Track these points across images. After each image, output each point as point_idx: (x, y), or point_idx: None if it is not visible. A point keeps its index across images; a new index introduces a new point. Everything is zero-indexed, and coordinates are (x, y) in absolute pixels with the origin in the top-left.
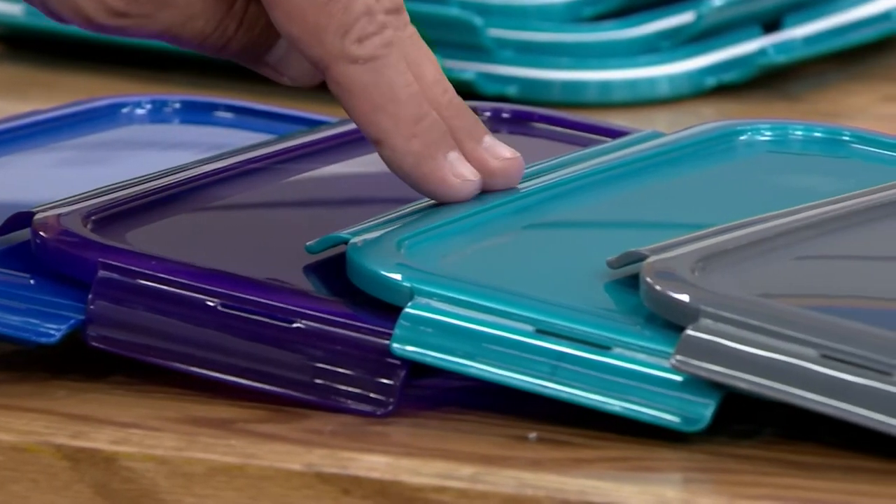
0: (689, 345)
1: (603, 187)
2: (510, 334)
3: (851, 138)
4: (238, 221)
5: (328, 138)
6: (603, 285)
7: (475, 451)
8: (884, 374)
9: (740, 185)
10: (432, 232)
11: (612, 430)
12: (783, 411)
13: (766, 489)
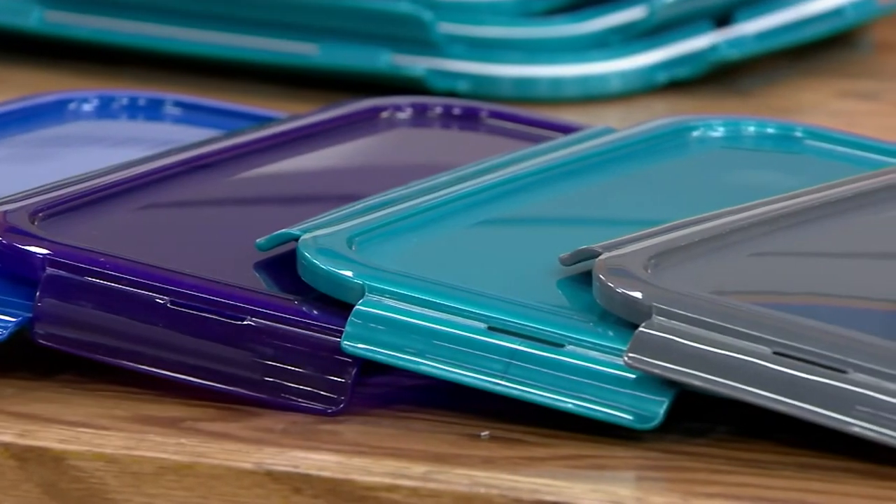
0: (642, 342)
1: (555, 183)
2: (462, 332)
3: (804, 134)
4: (187, 218)
5: (277, 135)
6: (555, 282)
7: (427, 450)
8: (838, 372)
9: (693, 182)
10: (383, 228)
11: (565, 428)
12: (736, 409)
13: (719, 487)
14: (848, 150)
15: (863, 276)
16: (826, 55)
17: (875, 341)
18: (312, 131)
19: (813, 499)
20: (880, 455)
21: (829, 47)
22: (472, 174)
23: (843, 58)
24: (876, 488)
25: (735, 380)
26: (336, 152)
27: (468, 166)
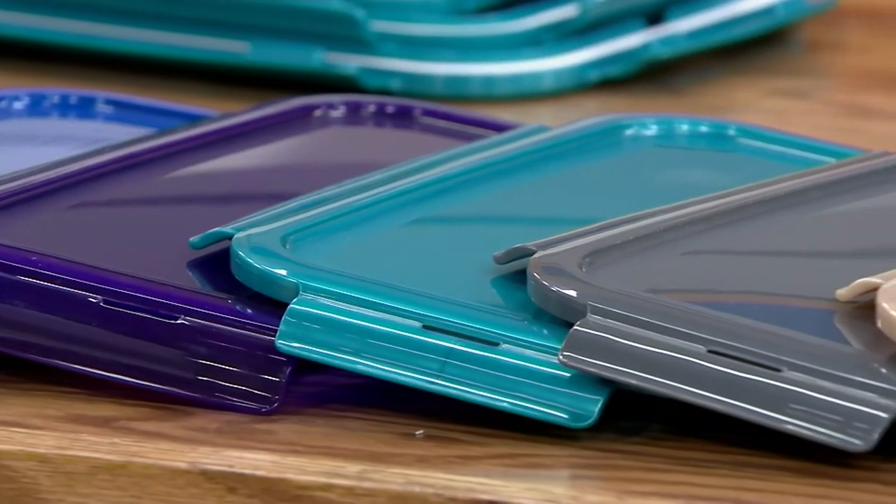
0: (577, 341)
1: (489, 182)
2: (397, 330)
3: (737, 133)
4: (120, 217)
5: (210, 133)
6: (490, 281)
7: (362, 449)
8: (772, 371)
9: (626, 180)
10: (318, 227)
11: (500, 427)
12: (671, 407)
13: (654, 485)
14: (780, 149)
15: (796, 274)
16: (757, 54)
17: (809, 340)
18: (245, 130)
19: (748, 497)
20: (815, 453)
21: (760, 46)
22: (406, 172)
23: (774, 56)
24: (811, 486)
25: (670, 378)
26: (269, 151)
27: (402, 165)
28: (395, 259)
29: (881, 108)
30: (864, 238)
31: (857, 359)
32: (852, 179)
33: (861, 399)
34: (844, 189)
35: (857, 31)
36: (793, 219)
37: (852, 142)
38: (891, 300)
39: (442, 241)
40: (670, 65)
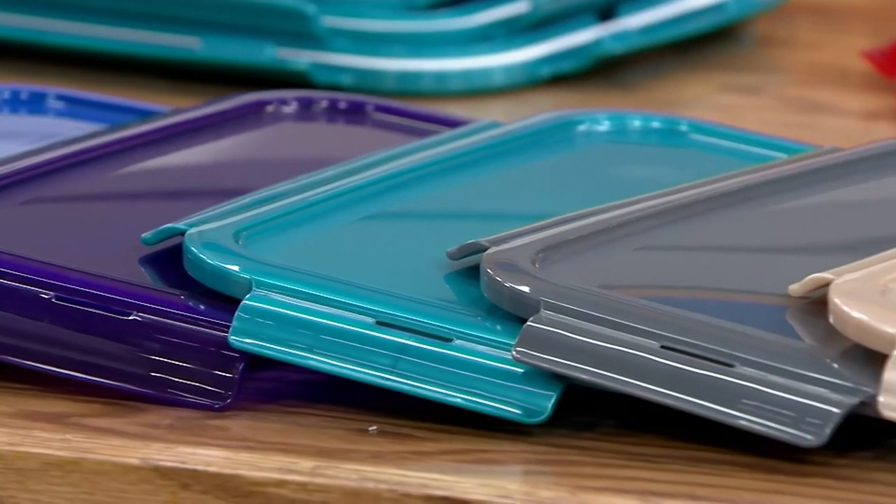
0: (530, 336)
1: (442, 177)
2: (350, 326)
3: (689, 128)
4: (72, 213)
5: (162, 129)
6: (443, 277)
7: (315, 445)
8: (724, 366)
9: (579, 176)
10: (270, 223)
11: (454, 423)
12: (624, 403)
13: (607, 481)
14: (732, 144)
15: (749, 270)
16: (709, 49)
17: (762, 335)
18: (197, 125)
19: (701, 492)
20: (767, 448)
21: (711, 41)
22: (359, 168)
23: (726, 52)
24: (763, 481)
25: (623, 374)
26: (221, 146)
27: (355, 160)
28: (349, 255)
29: (831, 104)
30: (816, 234)
31: (810, 354)
32: (804, 175)
33: (813, 394)
34: (796, 185)
35: (807, 27)
36: (745, 214)
37: (803, 137)
38: (843, 295)
39: (395, 237)
40: (622, 60)
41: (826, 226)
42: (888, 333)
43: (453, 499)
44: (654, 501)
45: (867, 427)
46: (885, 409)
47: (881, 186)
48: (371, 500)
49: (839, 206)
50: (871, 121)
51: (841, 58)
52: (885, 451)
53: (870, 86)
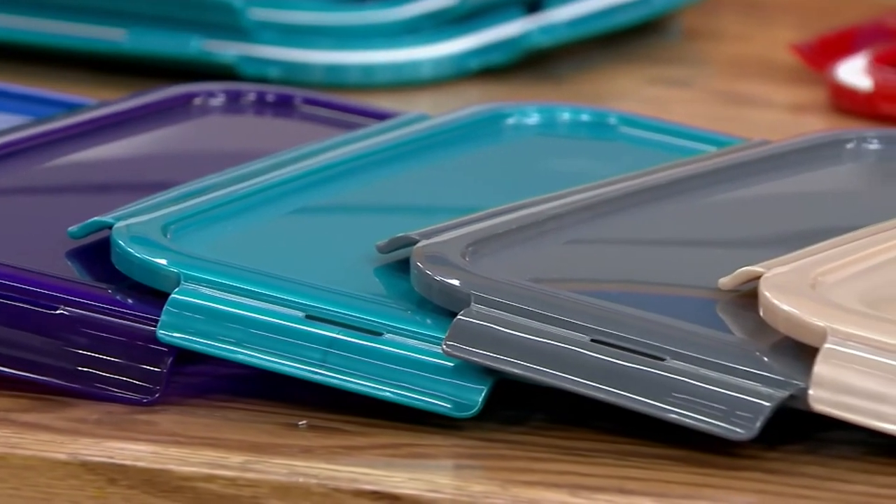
0: (460, 330)
1: (371, 171)
2: (279, 320)
3: (618, 121)
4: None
5: (88, 121)
6: (373, 270)
7: (244, 439)
8: (655, 360)
9: (509, 169)
10: (199, 216)
11: (384, 417)
12: (555, 397)
13: (538, 475)
14: (661, 137)
15: (679, 263)
16: (636, 42)
17: (692, 329)
18: (124, 118)
19: (631, 486)
20: (697, 442)
21: (639, 34)
22: (288, 161)
23: (654, 45)
24: (694, 475)
25: (553, 367)
26: (149, 139)
27: (283, 153)
28: (278, 248)
29: (759, 96)
30: (746, 227)
31: (740, 348)
32: (733, 168)
33: (744, 388)
34: (726, 178)
35: (734, 19)
36: (676, 208)
37: (732, 130)
38: (773, 289)
39: (324, 231)
40: (550, 53)
41: (756, 219)
42: (818, 327)
43: (383, 493)
44: (584, 495)
45: (798, 420)
46: (816, 402)
47: (810, 179)
48: (301, 495)
49: (769, 200)
50: (798, 113)
51: (768, 50)
52: (816, 444)
53: (797, 78)
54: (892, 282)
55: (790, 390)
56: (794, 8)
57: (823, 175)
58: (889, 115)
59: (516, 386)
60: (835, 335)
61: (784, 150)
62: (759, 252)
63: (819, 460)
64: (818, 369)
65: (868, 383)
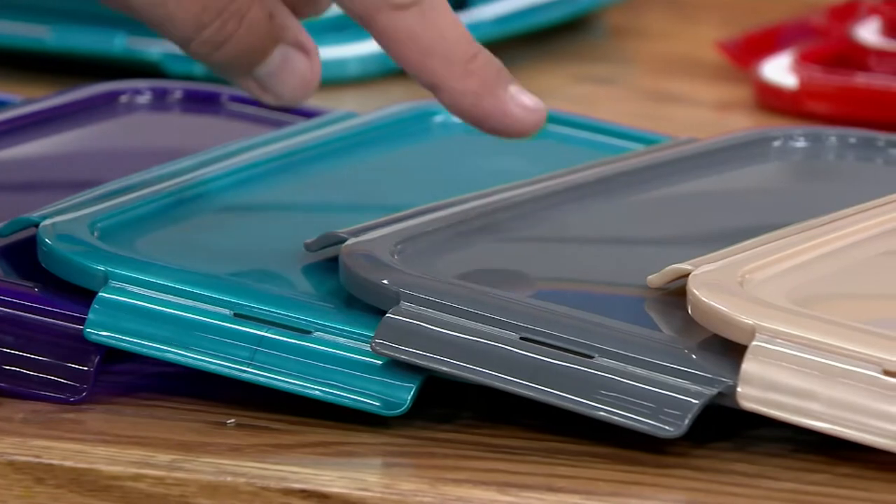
0: (389, 328)
1: (299, 168)
2: (207, 319)
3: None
4: None
5: (13, 119)
6: (302, 268)
7: (172, 438)
8: (584, 357)
9: (437, 167)
10: (126, 214)
11: (313, 415)
12: (484, 395)
13: (467, 473)
14: (588, 135)
15: (608, 261)
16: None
17: (621, 326)
18: (50, 116)
19: (560, 483)
20: (626, 439)
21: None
22: (216, 159)
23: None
24: (622, 472)
25: (482, 365)
26: (75, 137)
27: (211, 151)
28: (205, 247)
29: (685, 94)
30: (674, 225)
31: (669, 345)
32: (661, 166)
33: (672, 385)
34: (654, 176)
35: (659, 17)
36: (604, 206)
37: (658, 128)
38: (701, 286)
39: (252, 229)
40: None
41: (684, 217)
42: (747, 324)
43: (312, 492)
44: (512, 493)
45: (726, 418)
46: (744, 399)
47: (737, 177)
48: (229, 494)
49: (697, 198)
50: (724, 111)
51: (693, 48)
52: (745, 442)
53: (723, 76)
54: (819, 279)
55: (718, 388)
56: (719, 5)
57: (750, 173)
58: (814, 113)
59: (445, 384)
60: (763, 332)
61: (711, 148)
62: (687, 250)
63: (748, 458)
64: (746, 367)
65: (796, 380)
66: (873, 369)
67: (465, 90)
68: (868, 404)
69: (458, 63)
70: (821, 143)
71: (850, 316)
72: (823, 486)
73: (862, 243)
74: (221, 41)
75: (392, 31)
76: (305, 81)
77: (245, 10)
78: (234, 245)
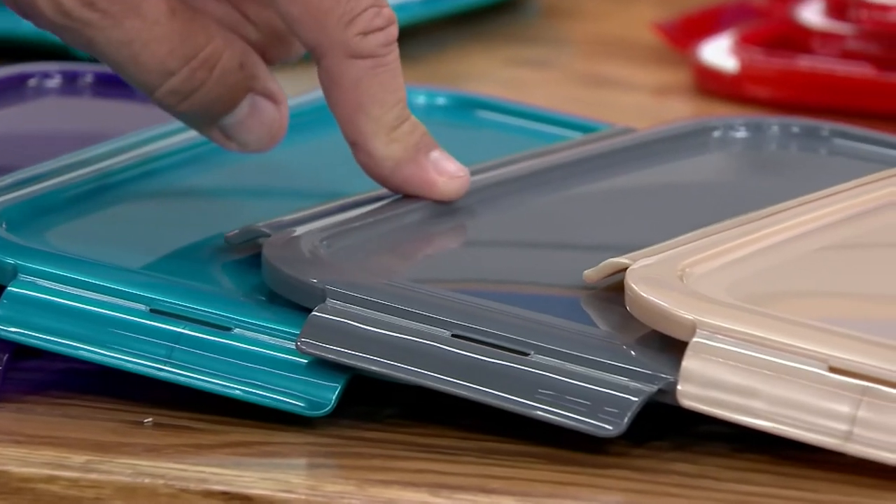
0: (315, 326)
1: (220, 156)
2: (123, 314)
3: (476, 105)
4: None
5: None
6: (223, 262)
7: (87, 438)
8: (520, 355)
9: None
10: (36, 204)
11: (234, 414)
12: (416, 393)
13: (396, 473)
14: (522, 122)
15: (543, 256)
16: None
17: (558, 323)
18: None
19: (494, 485)
20: (563, 439)
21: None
22: (131, 146)
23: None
24: (559, 473)
25: (413, 364)
26: None
27: (125, 137)
28: (121, 239)
29: (621, 78)
30: (612, 218)
31: (607, 342)
32: (598, 158)
33: (611, 383)
34: (591, 168)
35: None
36: (539, 199)
37: (593, 113)
38: (639, 281)
39: (171, 220)
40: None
41: (622, 210)
42: (687, 320)
43: (234, 494)
44: (444, 495)
45: (666, 416)
46: (685, 397)
47: (677, 169)
48: (147, 496)
49: (635, 190)
50: (662, 95)
51: (629, 30)
52: (685, 441)
53: (660, 59)
54: (761, 273)
55: (658, 385)
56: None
57: (690, 165)
58: (755, 98)
59: (373, 381)
60: (703, 328)
61: (650, 139)
62: (625, 244)
63: (688, 457)
64: (686, 363)
65: (738, 378)
66: (818, 366)
67: (387, 156)
68: (813, 402)
69: (385, 128)
70: (762, 132)
71: (793, 311)
72: (767, 487)
73: (805, 237)
74: (189, 91)
75: (338, 74)
76: (272, 131)
77: (215, 59)
78: (152, 237)
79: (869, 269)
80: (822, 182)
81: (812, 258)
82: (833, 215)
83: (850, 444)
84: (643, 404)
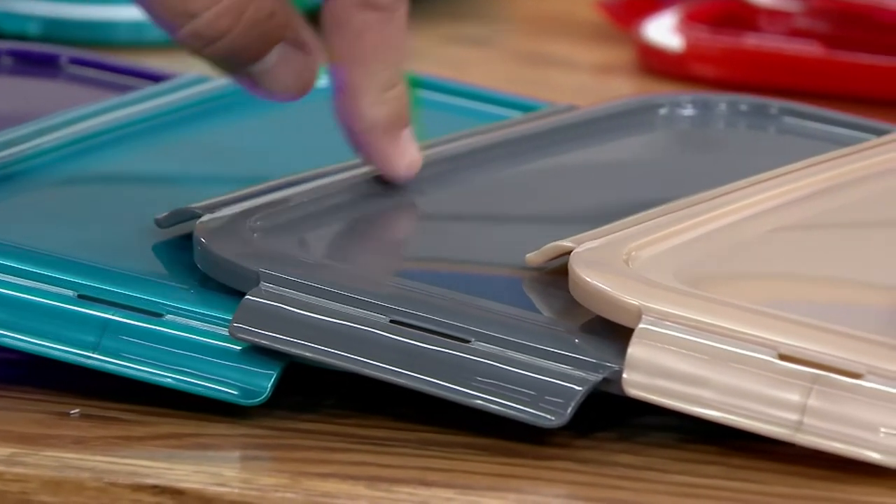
0: (248, 311)
1: (147, 136)
2: (48, 300)
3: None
4: None
5: None
6: (153, 246)
7: (11, 430)
8: (460, 342)
9: (295, 135)
10: None
11: (165, 405)
12: (352, 382)
13: (332, 466)
14: (461, 101)
15: (484, 239)
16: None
17: (499, 308)
18: None
19: (433, 477)
20: (504, 429)
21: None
22: (55, 126)
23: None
24: (500, 465)
25: (349, 351)
26: None
27: (50, 117)
28: (46, 222)
29: (562, 56)
30: (555, 199)
31: (549, 328)
32: (540, 136)
33: (553, 371)
34: (532, 147)
35: None
36: (479, 179)
37: (535, 92)
38: (584, 265)
39: (98, 202)
40: None
41: (565, 191)
42: (632, 305)
43: (165, 487)
44: (382, 487)
45: (611, 406)
46: (631, 386)
47: (622, 148)
48: (74, 490)
49: (579, 170)
50: (605, 74)
51: (571, 6)
52: (631, 431)
53: (602, 37)
54: (709, 256)
55: (603, 373)
56: None
57: (635, 143)
58: (701, 77)
59: (306, 369)
60: (650, 314)
61: (593, 117)
62: (568, 226)
63: (633, 449)
64: (632, 351)
65: (685, 366)
66: (768, 353)
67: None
68: (762, 391)
69: (378, 86)
70: (710, 110)
71: (742, 296)
72: (715, 479)
73: (754, 218)
74: (214, 37)
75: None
76: (301, 81)
77: (243, 7)
78: (78, 220)
79: (821, 251)
80: (771, 161)
81: (762, 240)
82: (783, 196)
83: (800, 435)
84: (587, 394)
